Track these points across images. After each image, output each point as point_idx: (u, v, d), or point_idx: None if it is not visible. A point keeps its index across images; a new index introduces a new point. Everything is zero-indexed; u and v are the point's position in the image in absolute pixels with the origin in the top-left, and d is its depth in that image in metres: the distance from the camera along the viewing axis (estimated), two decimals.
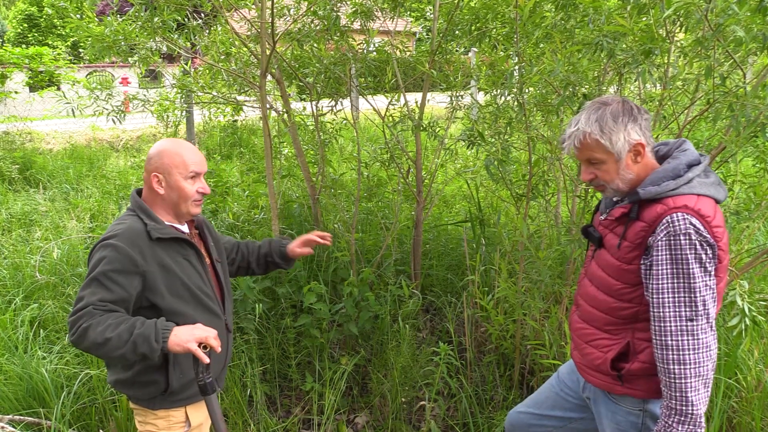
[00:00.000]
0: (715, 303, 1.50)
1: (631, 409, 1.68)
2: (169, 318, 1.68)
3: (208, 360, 1.62)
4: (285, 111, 3.59)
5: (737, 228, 2.84)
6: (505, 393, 2.98)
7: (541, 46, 2.74)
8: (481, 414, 2.87)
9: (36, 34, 27.24)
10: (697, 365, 1.46)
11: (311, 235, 2.22)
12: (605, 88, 2.59)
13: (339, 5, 3.35)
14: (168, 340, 1.58)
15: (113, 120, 3.51)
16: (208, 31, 3.85)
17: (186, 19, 3.48)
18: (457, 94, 3.48)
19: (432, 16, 3.31)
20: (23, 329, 3.26)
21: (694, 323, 1.46)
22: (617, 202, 1.69)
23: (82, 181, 7.35)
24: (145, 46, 3.29)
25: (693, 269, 1.46)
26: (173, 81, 3.81)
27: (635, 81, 2.37)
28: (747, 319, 1.94)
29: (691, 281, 1.46)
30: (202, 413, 1.90)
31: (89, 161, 8.75)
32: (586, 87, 2.42)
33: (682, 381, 1.47)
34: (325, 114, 3.64)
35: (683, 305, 1.47)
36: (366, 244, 3.87)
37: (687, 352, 1.47)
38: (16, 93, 11.02)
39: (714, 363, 1.50)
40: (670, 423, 1.50)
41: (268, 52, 3.06)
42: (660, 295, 1.50)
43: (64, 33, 26.43)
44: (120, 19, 3.20)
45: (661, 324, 1.50)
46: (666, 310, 1.49)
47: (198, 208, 1.84)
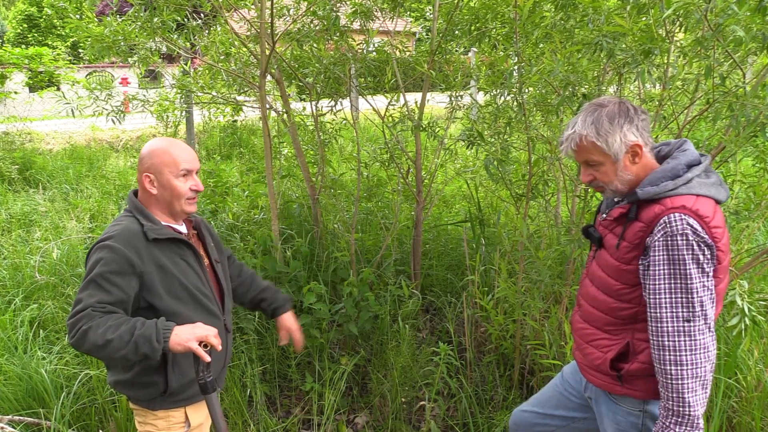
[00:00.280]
0: (714, 304, 1.50)
1: (632, 410, 1.68)
2: (168, 318, 1.68)
3: (209, 358, 1.62)
4: (285, 111, 3.59)
5: (737, 228, 2.84)
6: (505, 393, 2.98)
7: (541, 46, 2.74)
8: (481, 414, 2.86)
9: (36, 34, 27.25)
10: (695, 366, 1.46)
11: (297, 336, 2.26)
12: (605, 88, 2.59)
13: (339, 5, 3.35)
14: (169, 339, 1.58)
15: (113, 120, 3.51)
16: (207, 32, 3.86)
17: (185, 20, 3.48)
18: (457, 94, 3.48)
19: (432, 16, 3.30)
20: (23, 329, 3.26)
21: (691, 324, 1.46)
22: (618, 202, 1.69)
23: (81, 182, 7.35)
24: (145, 46, 3.29)
25: (690, 270, 1.45)
26: (173, 81, 3.81)
27: (635, 81, 2.37)
28: (747, 319, 1.94)
29: (688, 282, 1.45)
30: (201, 413, 1.90)
31: (89, 161, 8.74)
32: (585, 87, 2.41)
33: (679, 382, 1.47)
34: (325, 114, 3.64)
35: (680, 306, 1.46)
36: (366, 244, 3.87)
37: (684, 353, 1.46)
38: (15, 93, 11.01)
39: (712, 364, 1.49)
40: (667, 424, 1.50)
41: (267, 52, 3.06)
42: (657, 296, 1.49)
43: (63, 33, 26.44)
44: (119, 20, 3.20)
45: (658, 325, 1.49)
46: (663, 310, 1.48)
47: (192, 206, 1.83)
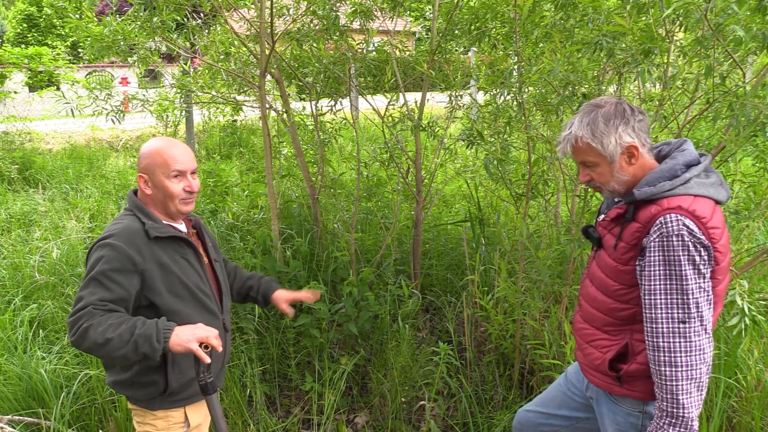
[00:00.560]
0: (711, 305, 1.48)
1: (631, 411, 1.67)
2: (168, 316, 1.68)
3: (209, 360, 1.62)
4: (284, 111, 3.59)
5: (737, 227, 2.83)
6: (505, 393, 2.98)
7: (541, 45, 2.73)
8: (481, 414, 2.86)
9: (35, 34, 27.26)
10: (689, 368, 1.45)
11: (302, 295, 2.21)
12: (605, 87, 2.58)
13: (338, 5, 3.34)
14: (169, 340, 1.58)
15: (112, 120, 3.51)
16: (207, 31, 3.85)
17: (185, 19, 3.47)
18: (457, 93, 3.48)
19: (431, 15, 3.30)
20: (22, 329, 3.26)
21: (686, 325, 1.45)
22: (618, 202, 1.69)
23: (81, 181, 7.34)
24: (145, 46, 3.29)
25: (686, 271, 1.44)
26: (173, 81, 3.81)
27: (635, 80, 2.37)
28: (747, 319, 1.93)
29: (684, 283, 1.44)
30: (201, 413, 1.90)
31: (89, 161, 8.74)
32: (585, 86, 2.41)
33: (673, 383, 1.46)
34: (325, 114, 3.64)
35: (676, 307, 1.45)
36: (366, 243, 3.87)
37: (679, 354, 1.45)
38: (15, 93, 11.02)
39: (709, 366, 1.48)
40: (661, 425, 1.49)
41: (267, 51, 3.06)
42: (652, 297, 1.49)
43: (63, 33, 26.46)
44: (119, 19, 3.20)
45: (654, 325, 1.49)
46: (658, 311, 1.48)
47: (188, 206, 1.82)
